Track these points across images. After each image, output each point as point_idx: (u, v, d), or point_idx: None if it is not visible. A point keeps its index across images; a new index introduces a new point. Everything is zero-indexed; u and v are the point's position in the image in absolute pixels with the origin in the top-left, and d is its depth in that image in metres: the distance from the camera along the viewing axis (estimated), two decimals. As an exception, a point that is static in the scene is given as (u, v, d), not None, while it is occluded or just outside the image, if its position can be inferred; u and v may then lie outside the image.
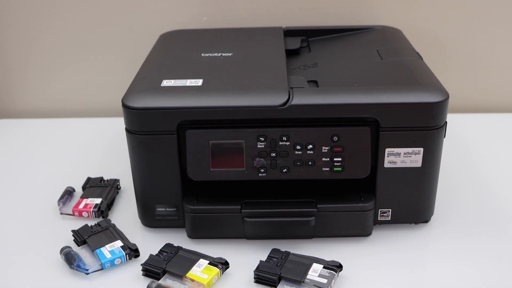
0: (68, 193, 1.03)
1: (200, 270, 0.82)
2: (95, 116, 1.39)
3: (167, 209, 0.91)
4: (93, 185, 1.05)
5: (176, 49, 1.05)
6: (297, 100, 0.82)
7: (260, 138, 0.84)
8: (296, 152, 0.85)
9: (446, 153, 0.91)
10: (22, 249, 0.92)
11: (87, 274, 0.84)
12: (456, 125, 1.15)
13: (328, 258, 0.84)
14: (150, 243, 0.90)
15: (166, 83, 0.87)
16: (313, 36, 1.15)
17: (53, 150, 1.23)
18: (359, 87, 0.85)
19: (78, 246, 0.90)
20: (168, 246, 0.88)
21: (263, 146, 0.84)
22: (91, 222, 0.94)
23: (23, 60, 1.37)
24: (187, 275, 0.81)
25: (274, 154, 0.85)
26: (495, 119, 1.32)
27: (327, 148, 0.84)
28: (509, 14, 1.29)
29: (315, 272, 0.81)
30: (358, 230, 0.90)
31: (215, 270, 0.82)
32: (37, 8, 1.31)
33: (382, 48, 1.02)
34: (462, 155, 1.16)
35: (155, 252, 0.86)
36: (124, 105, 0.84)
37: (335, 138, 0.84)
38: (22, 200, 1.05)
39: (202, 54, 1.00)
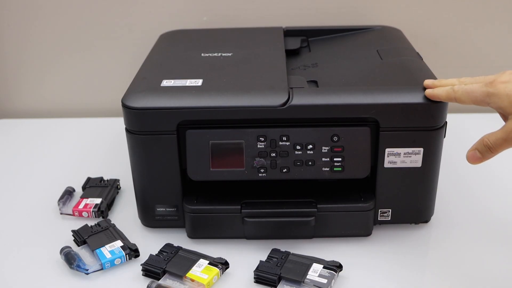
0: (68, 193, 1.03)
1: (200, 270, 0.82)
2: (95, 116, 1.39)
3: (167, 209, 0.91)
4: (93, 185, 1.05)
5: (176, 49, 1.05)
6: (297, 100, 0.82)
7: (260, 138, 0.84)
8: (296, 152, 0.85)
9: (446, 153, 0.91)
10: (22, 249, 0.91)
11: (87, 274, 0.84)
12: (456, 125, 1.15)
13: (328, 258, 0.84)
14: (150, 243, 0.90)
15: (166, 83, 0.87)
16: (313, 36, 1.15)
17: (53, 150, 1.23)
18: (359, 87, 0.85)
19: (78, 246, 0.90)
20: (168, 246, 0.87)
21: (263, 146, 0.84)
22: (91, 222, 0.94)
23: (23, 60, 1.37)
24: (187, 275, 0.81)
25: (274, 154, 0.85)
26: (495, 119, 1.31)
27: (327, 148, 0.84)
28: (509, 14, 1.29)
29: (315, 272, 0.81)
30: (358, 230, 0.90)
31: (215, 270, 0.82)
32: (37, 8, 1.31)
33: (382, 48, 1.02)
34: (462, 155, 1.16)
35: (155, 252, 0.86)
36: (124, 105, 0.84)
37: (335, 138, 0.84)
38: (22, 200, 1.05)
39: (202, 54, 1.00)
